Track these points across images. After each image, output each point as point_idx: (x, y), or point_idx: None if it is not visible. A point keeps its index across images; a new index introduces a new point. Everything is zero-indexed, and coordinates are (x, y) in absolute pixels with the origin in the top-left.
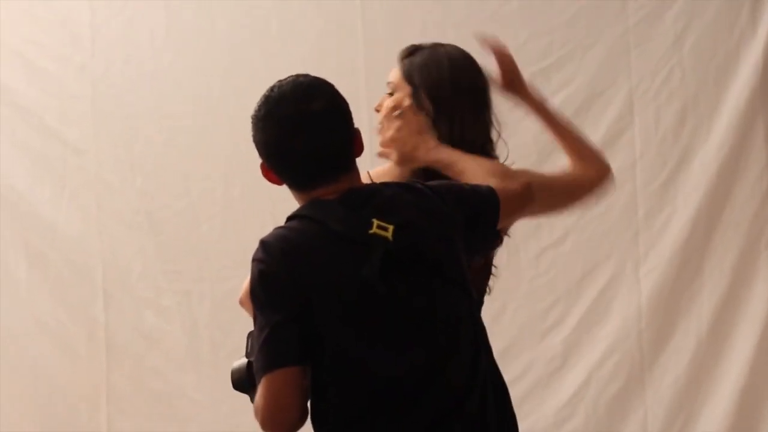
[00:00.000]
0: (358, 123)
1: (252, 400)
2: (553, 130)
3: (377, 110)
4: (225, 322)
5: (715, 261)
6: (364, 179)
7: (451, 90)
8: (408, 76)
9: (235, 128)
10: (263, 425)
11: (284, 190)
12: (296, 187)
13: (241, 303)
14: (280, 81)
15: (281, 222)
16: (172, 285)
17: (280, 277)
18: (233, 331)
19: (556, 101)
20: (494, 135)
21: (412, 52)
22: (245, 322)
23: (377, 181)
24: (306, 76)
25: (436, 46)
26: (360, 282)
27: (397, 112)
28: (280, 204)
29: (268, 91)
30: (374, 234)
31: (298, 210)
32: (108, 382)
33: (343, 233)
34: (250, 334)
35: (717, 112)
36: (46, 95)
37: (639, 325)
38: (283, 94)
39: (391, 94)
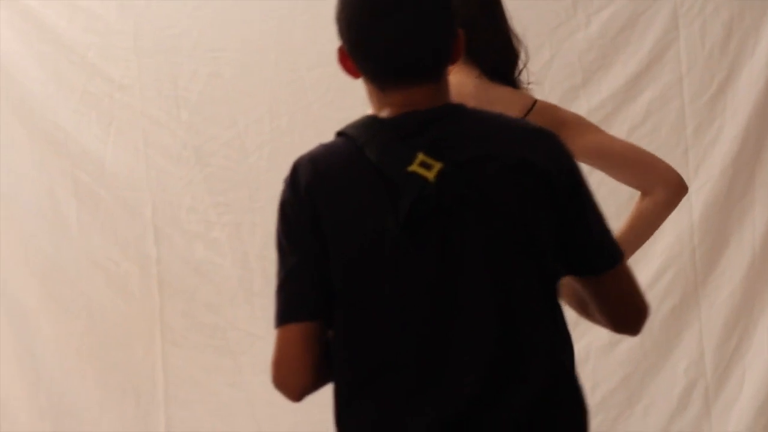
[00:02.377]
0: None
1: None
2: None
3: None
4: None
5: (766, 173)
6: None
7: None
8: None
9: (280, 57)
10: (274, 384)
11: (332, 119)
12: (372, 83)
13: None
14: None
15: None
16: (221, 218)
17: (300, 210)
18: None
19: (599, 18)
20: (520, 58)
21: None
22: None
23: None
24: None
25: None
26: (381, 232)
27: None
28: (328, 133)
29: None
30: (412, 172)
31: (349, 124)
32: (161, 317)
33: (377, 166)
34: None
35: (764, 24)
36: (88, 32)
37: (692, 242)
38: None
39: None
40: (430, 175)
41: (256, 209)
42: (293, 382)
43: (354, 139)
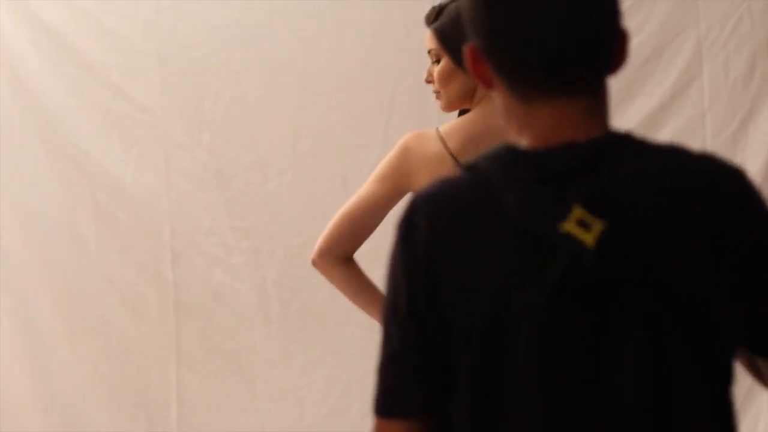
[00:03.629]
0: (422, 74)
1: None
2: None
3: (429, 81)
4: (294, 280)
5: None
6: (432, 136)
7: None
8: (443, 39)
9: (304, 82)
10: None
11: (354, 145)
12: (511, 89)
13: (314, 263)
14: None
15: (350, 179)
16: (240, 242)
17: (415, 273)
18: (302, 289)
19: None
20: None
21: (438, 13)
22: (315, 279)
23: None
24: None
25: (457, 0)
26: (520, 305)
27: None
28: (349, 158)
29: None
30: (566, 233)
31: (481, 156)
32: (177, 341)
33: (521, 221)
34: None
35: None
36: (113, 53)
37: None
38: None
39: (436, 62)
40: (589, 238)
41: (275, 235)
42: None
43: (488, 179)
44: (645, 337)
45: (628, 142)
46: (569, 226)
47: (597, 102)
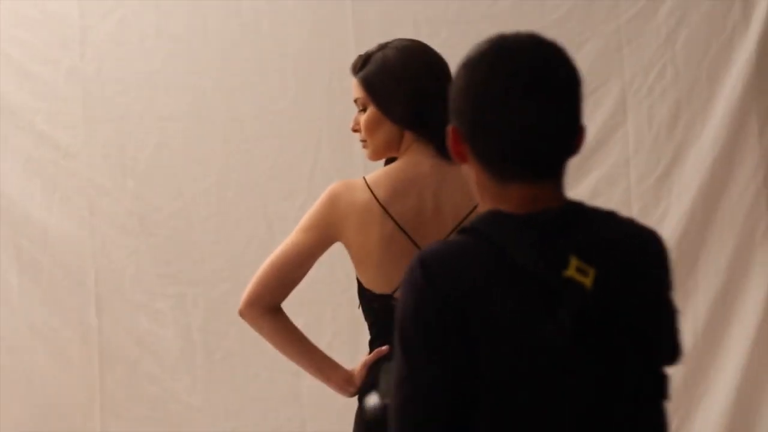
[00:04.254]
0: (348, 122)
1: None
2: None
3: (355, 130)
4: (219, 326)
5: (711, 257)
6: (360, 185)
7: (409, 90)
8: (370, 88)
9: (228, 129)
10: None
11: (279, 192)
12: (488, 171)
13: (241, 314)
14: (508, 33)
15: (275, 225)
16: (165, 288)
17: (444, 316)
18: (227, 335)
19: None
20: None
21: (364, 62)
22: (240, 326)
23: (374, 186)
24: (542, 37)
25: (383, 49)
26: (542, 342)
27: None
28: (274, 206)
29: (497, 36)
30: (570, 278)
31: (475, 221)
32: (101, 387)
33: (528, 270)
34: (384, 370)
35: (710, 108)
36: (36, 98)
37: None
38: (522, 43)
39: (362, 110)
40: (587, 281)
41: (200, 281)
42: None
43: (488, 237)
44: (640, 366)
45: (583, 208)
46: (571, 272)
47: (560, 179)
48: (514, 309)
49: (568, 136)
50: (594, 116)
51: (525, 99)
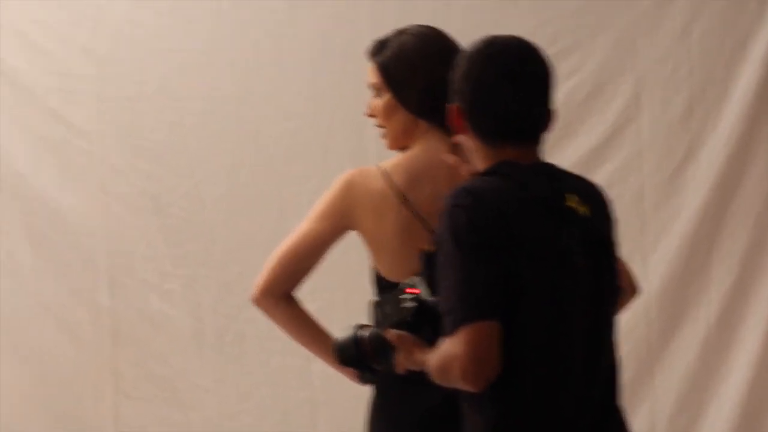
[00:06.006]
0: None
1: (362, 372)
2: None
3: (370, 115)
4: (230, 307)
5: (724, 251)
6: (375, 173)
7: (425, 77)
8: (386, 74)
9: (242, 110)
10: (463, 376)
11: (291, 175)
12: (486, 138)
13: (255, 302)
14: (498, 36)
15: (288, 206)
16: (177, 269)
17: (493, 225)
18: (238, 317)
19: (563, 89)
20: None
21: (380, 47)
22: (250, 309)
23: (391, 172)
24: (525, 39)
25: (400, 35)
26: (560, 250)
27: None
28: (286, 188)
29: (489, 37)
30: (570, 207)
31: (493, 166)
32: (113, 367)
33: (545, 198)
34: (377, 304)
35: (725, 102)
36: (50, 76)
37: (648, 316)
38: (510, 43)
39: (377, 95)
40: (586, 210)
41: (211, 262)
42: (486, 376)
43: (510, 175)
44: (603, 276)
45: (555, 165)
46: (572, 203)
47: (538, 147)
48: (538, 225)
49: (544, 115)
50: (608, 108)
51: (511, 84)
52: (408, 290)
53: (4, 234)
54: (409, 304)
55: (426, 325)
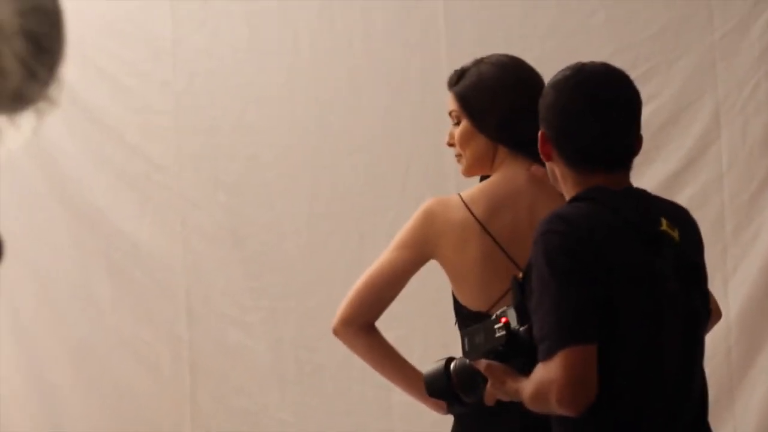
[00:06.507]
0: (443, 139)
1: (450, 404)
2: None
3: (450, 144)
4: (310, 340)
5: None
6: (456, 202)
7: (504, 105)
8: (464, 103)
9: (320, 142)
10: (560, 401)
11: (370, 206)
12: (575, 166)
13: (336, 333)
14: (586, 63)
15: (367, 237)
16: (256, 302)
17: (586, 250)
18: (318, 349)
19: (644, 114)
20: None
21: (459, 77)
22: (331, 339)
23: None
24: (613, 66)
25: (479, 64)
26: (652, 273)
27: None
28: (365, 219)
29: (577, 64)
30: (664, 231)
31: (583, 192)
32: (192, 401)
33: (637, 223)
34: (464, 334)
35: None
36: (128, 111)
37: (728, 341)
38: (597, 70)
39: (456, 124)
40: (676, 235)
41: (291, 294)
42: (583, 400)
43: (601, 202)
44: (695, 301)
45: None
46: (665, 228)
47: (628, 173)
48: (630, 250)
49: (633, 141)
50: (687, 132)
51: (600, 112)
52: (500, 320)
53: (84, 268)
54: (500, 333)
55: (517, 354)
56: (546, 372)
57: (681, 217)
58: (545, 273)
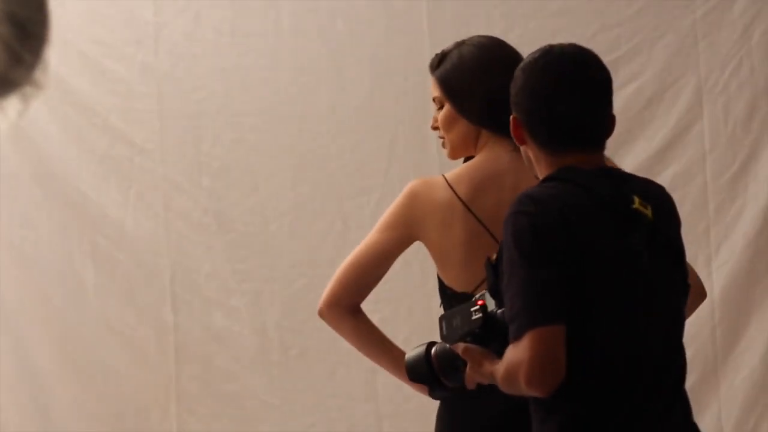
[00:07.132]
0: (427, 119)
1: (432, 389)
2: None
3: (434, 128)
4: (295, 323)
5: None
6: (440, 183)
7: (485, 87)
8: (446, 86)
9: (303, 125)
10: (528, 381)
11: (354, 188)
12: (547, 147)
13: (321, 314)
14: (555, 45)
15: (350, 222)
16: (241, 285)
17: (555, 230)
18: (303, 332)
19: (624, 94)
20: None
21: (440, 60)
22: (315, 323)
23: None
24: (582, 46)
25: (460, 47)
26: (625, 251)
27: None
28: (349, 202)
29: (546, 46)
30: (637, 209)
31: (555, 172)
32: (177, 384)
33: (609, 202)
34: (442, 318)
35: None
36: (111, 95)
37: (712, 320)
38: (565, 52)
39: (440, 108)
40: (649, 213)
41: (276, 278)
42: (552, 381)
43: (573, 181)
44: (672, 277)
45: (619, 169)
46: (637, 206)
47: (601, 153)
48: (602, 228)
49: (605, 121)
50: (670, 112)
51: (569, 92)
52: (476, 302)
53: (68, 253)
54: (476, 316)
55: (494, 337)
56: (515, 353)
57: (655, 194)
58: (514, 254)
